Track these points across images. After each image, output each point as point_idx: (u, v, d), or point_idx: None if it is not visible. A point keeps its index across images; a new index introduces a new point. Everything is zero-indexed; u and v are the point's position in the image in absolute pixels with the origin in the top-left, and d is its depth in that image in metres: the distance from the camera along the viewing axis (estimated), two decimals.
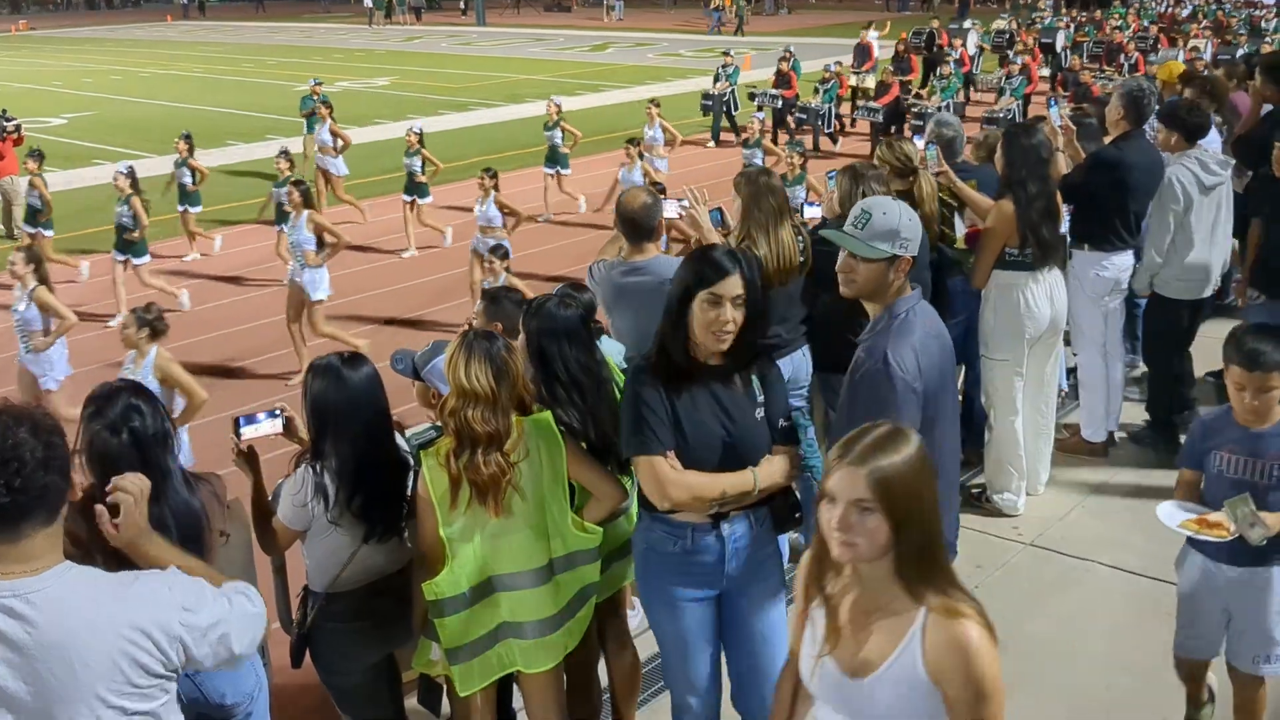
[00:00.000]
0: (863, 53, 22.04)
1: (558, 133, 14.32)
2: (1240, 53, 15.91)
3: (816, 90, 18.73)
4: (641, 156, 12.31)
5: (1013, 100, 18.36)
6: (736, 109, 19.53)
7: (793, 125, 19.01)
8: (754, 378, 3.19)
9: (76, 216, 14.86)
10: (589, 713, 3.96)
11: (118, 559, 2.40)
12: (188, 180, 12.90)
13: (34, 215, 11.84)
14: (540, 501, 3.24)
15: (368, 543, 3.37)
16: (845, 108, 19.64)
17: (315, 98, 15.93)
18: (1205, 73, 9.89)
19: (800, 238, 4.82)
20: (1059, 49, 24.03)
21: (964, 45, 23.24)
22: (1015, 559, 5.24)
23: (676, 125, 16.50)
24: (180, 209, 13.02)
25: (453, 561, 3.19)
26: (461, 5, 52.10)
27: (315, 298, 8.83)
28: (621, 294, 4.37)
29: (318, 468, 3.31)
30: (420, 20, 50.19)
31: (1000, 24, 27.44)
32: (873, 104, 18.22)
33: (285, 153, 11.66)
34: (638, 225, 4.33)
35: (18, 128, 13.39)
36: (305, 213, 8.87)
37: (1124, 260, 5.93)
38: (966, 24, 25.45)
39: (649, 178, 11.94)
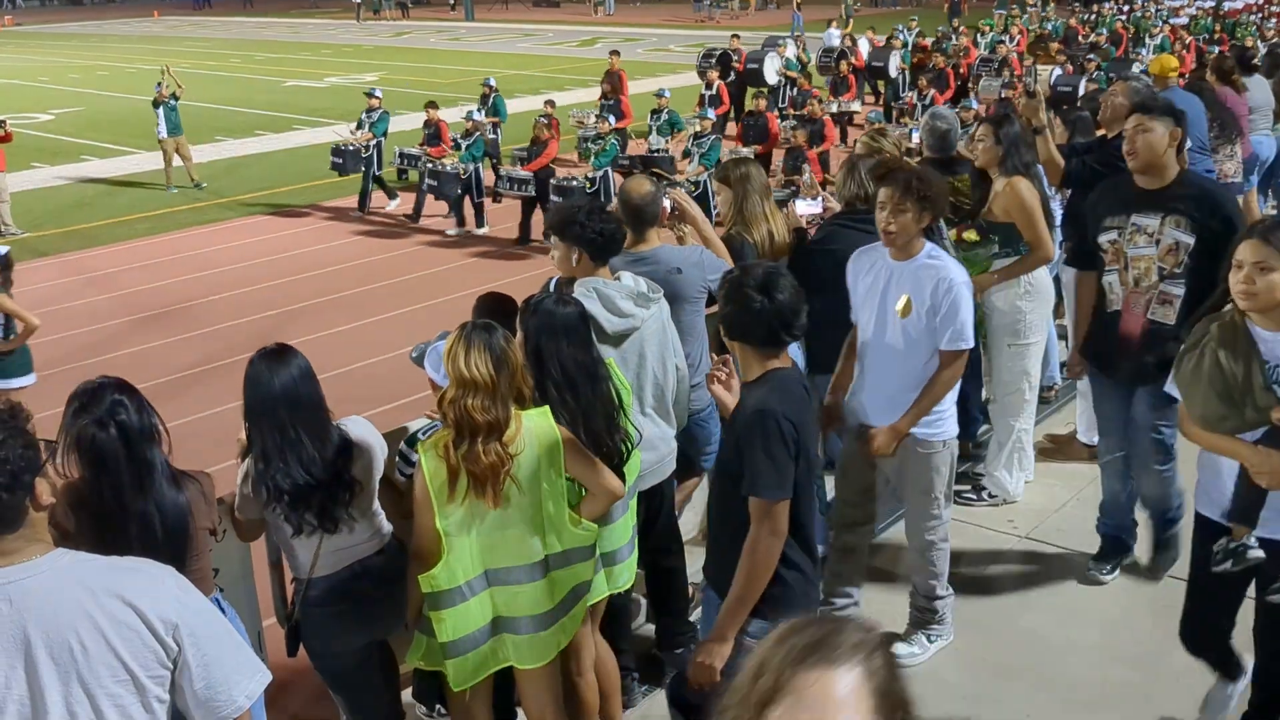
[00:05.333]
0: (615, 80, 16.61)
1: None
2: (1083, 79, 14.47)
3: (457, 145, 13.54)
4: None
5: (702, 170, 12.39)
6: (380, 168, 14.31)
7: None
8: None
9: (64, 212, 14.81)
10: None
11: (108, 551, 2.37)
12: None
13: None
14: (537, 496, 3.23)
15: (299, 536, 3.34)
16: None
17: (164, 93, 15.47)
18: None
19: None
20: (893, 74, 19.79)
21: (721, 77, 17.49)
22: (1010, 551, 5.25)
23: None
24: None
25: (449, 555, 3.18)
26: (450, 0, 51.96)
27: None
28: None
29: (254, 461, 3.31)
30: (408, 15, 50.08)
31: (834, 36, 22.43)
32: (518, 171, 12.76)
33: None
34: (641, 214, 4.28)
35: (2, 123, 13.28)
36: None
37: None
38: (781, 39, 19.81)
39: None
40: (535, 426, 3.22)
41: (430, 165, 13.23)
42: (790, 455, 3.00)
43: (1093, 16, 32.18)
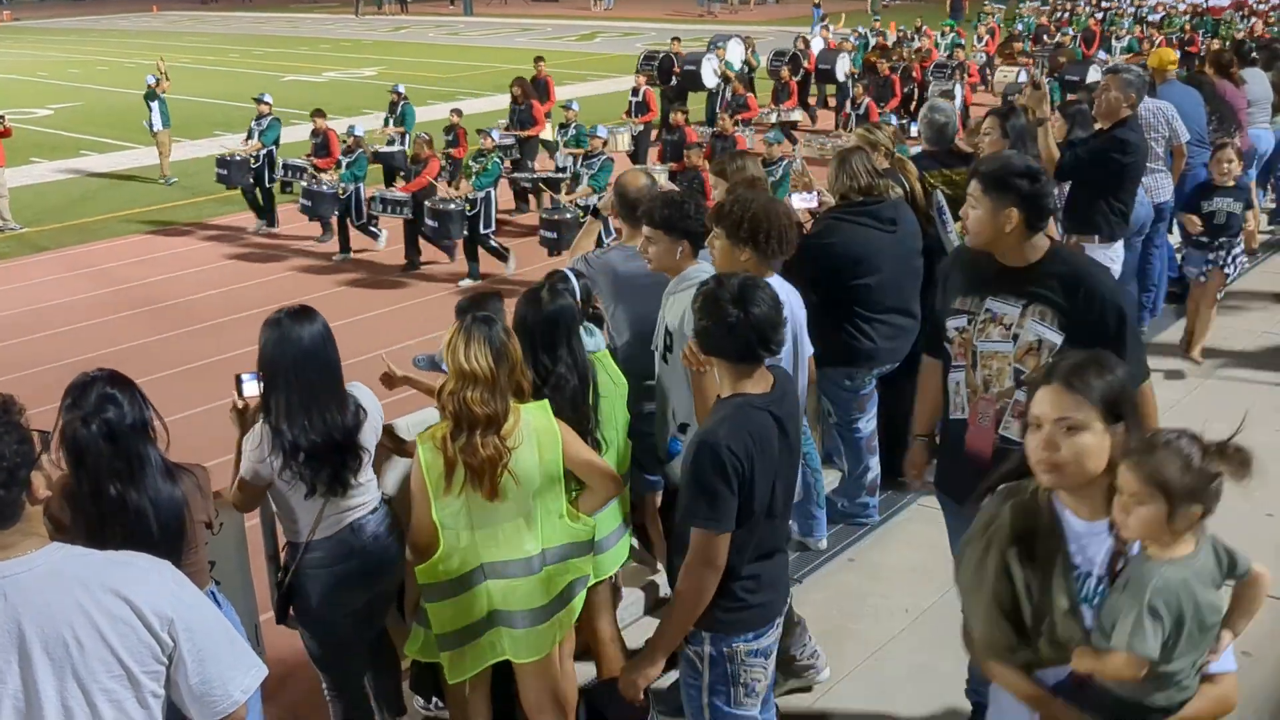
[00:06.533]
0: (544, 90, 14.42)
1: None
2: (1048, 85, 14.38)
3: (339, 164, 12.19)
4: None
5: (590, 192, 11.00)
6: (273, 179, 13.22)
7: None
8: None
9: (63, 207, 14.79)
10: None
11: (100, 545, 2.37)
12: None
13: None
14: (534, 490, 3.23)
15: (313, 496, 3.35)
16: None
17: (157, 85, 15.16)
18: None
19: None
20: (841, 78, 18.84)
21: (642, 83, 15.57)
22: None
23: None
24: None
25: (444, 546, 3.19)
26: None
27: None
28: (628, 281, 4.24)
29: (271, 423, 3.31)
30: (407, 10, 49.93)
31: (813, 32, 21.63)
32: (394, 192, 11.56)
33: None
34: (637, 207, 4.27)
35: (1, 118, 13.28)
36: None
37: (1120, 249, 5.89)
38: (731, 39, 18.70)
39: None
40: (534, 421, 3.22)
41: (305, 184, 12.06)
42: (730, 489, 2.79)
43: (1065, 14, 31.02)
